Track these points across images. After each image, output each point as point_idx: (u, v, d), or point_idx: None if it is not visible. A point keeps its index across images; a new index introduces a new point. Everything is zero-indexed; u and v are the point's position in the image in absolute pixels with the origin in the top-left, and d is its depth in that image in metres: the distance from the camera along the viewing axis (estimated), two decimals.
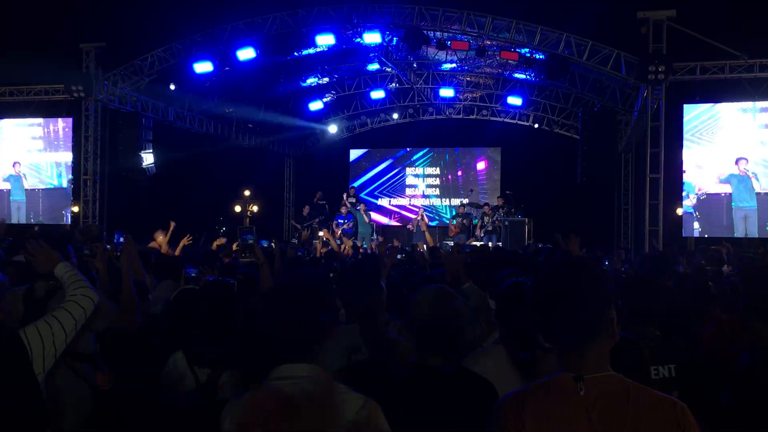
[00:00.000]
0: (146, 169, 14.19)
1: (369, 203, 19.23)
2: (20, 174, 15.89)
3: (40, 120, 15.88)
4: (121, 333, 3.14)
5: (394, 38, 13.92)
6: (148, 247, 7.10)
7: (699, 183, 13.29)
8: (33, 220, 15.56)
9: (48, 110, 15.96)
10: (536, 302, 1.63)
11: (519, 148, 19.31)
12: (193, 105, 16.66)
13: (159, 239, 6.35)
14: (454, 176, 20.25)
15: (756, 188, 12.90)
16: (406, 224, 17.87)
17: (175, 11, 17.53)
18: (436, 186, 20.44)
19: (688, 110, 13.40)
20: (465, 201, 17.32)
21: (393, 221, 20.02)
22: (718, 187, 13.18)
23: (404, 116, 20.22)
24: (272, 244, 7.47)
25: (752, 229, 12.95)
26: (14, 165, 15.95)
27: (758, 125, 13.08)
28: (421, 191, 20.47)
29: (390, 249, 4.11)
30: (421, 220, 14.75)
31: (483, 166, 19.99)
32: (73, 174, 15.28)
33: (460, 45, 13.17)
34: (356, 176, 21.03)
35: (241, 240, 3.80)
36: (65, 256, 2.82)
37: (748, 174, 12.91)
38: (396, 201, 20.64)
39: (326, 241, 9.73)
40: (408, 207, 20.19)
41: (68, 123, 15.51)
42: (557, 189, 17.22)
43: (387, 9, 12.80)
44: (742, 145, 13.04)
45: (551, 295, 1.57)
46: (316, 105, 18.63)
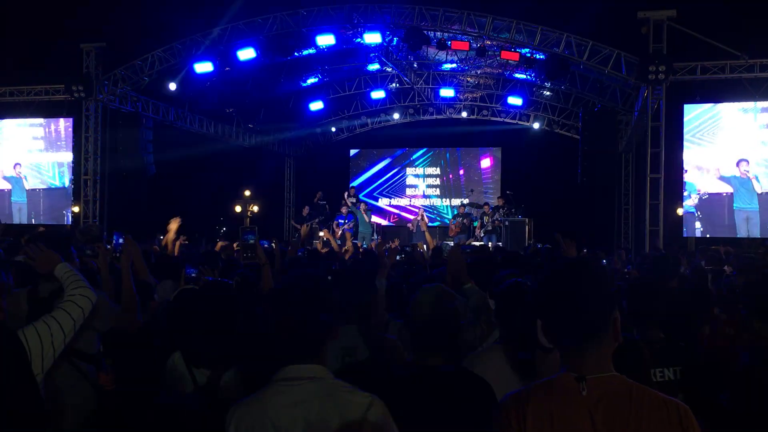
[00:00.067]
0: (146, 169, 14.19)
1: (369, 204, 19.21)
2: (21, 176, 15.90)
3: (42, 120, 15.89)
4: (122, 333, 3.13)
5: (395, 38, 13.93)
6: (151, 248, 7.11)
7: (700, 183, 13.29)
8: (34, 221, 15.55)
9: (48, 110, 15.96)
10: (538, 302, 1.63)
11: (519, 149, 19.32)
12: (194, 105, 16.67)
13: (173, 226, 6.37)
14: (455, 176, 20.24)
15: (757, 189, 12.91)
16: (405, 224, 17.86)
17: (176, 11, 17.54)
18: (437, 186, 20.43)
19: (689, 110, 13.41)
20: (465, 201, 17.31)
21: (391, 223, 19.98)
22: (720, 187, 13.18)
23: (404, 116, 20.22)
24: (272, 245, 7.48)
25: (754, 230, 12.98)
26: (15, 167, 15.95)
27: (759, 125, 13.08)
28: (422, 191, 20.47)
29: (389, 250, 4.12)
30: (421, 220, 14.72)
31: (488, 164, 19.94)
32: (74, 174, 15.29)
33: (461, 45, 13.17)
34: (356, 175, 21.04)
35: (243, 240, 3.78)
36: (67, 257, 2.82)
37: (749, 176, 12.92)
38: (396, 201, 20.63)
39: (326, 241, 9.73)
40: (407, 208, 20.17)
41: (70, 123, 15.52)
42: (557, 189, 17.21)
43: (387, 9, 12.80)
44: (743, 145, 13.05)
45: (553, 296, 1.57)
46: (317, 105, 18.64)
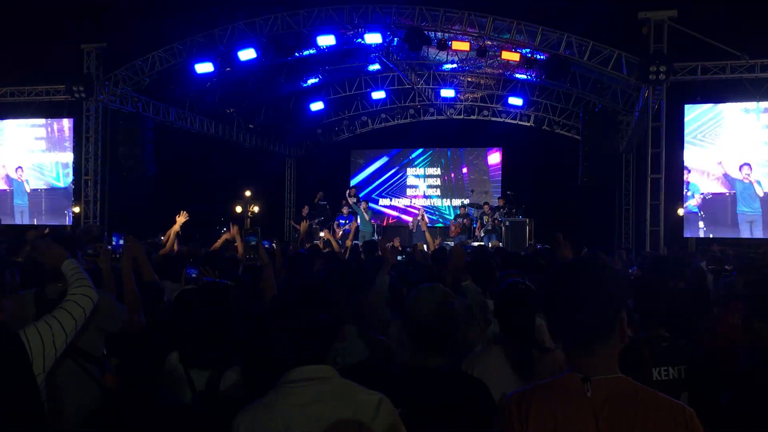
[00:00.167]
0: (147, 170, 14.18)
1: (368, 206, 19.15)
2: (22, 179, 15.92)
3: (44, 120, 15.90)
4: (125, 333, 3.14)
5: (395, 39, 13.92)
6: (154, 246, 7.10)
7: (702, 183, 13.29)
8: (36, 221, 15.57)
9: (49, 111, 15.96)
10: (543, 303, 1.63)
11: (520, 149, 19.29)
12: (194, 105, 16.67)
13: (180, 219, 6.38)
14: (457, 175, 20.19)
15: (759, 193, 12.93)
16: (404, 225, 17.84)
17: (176, 12, 17.53)
18: (437, 186, 20.41)
19: (689, 110, 13.39)
20: (466, 201, 17.31)
21: (390, 224, 19.95)
22: (722, 187, 13.18)
23: (405, 117, 20.21)
24: (273, 245, 7.46)
25: (757, 232, 13.02)
26: (17, 170, 15.96)
27: (762, 125, 13.07)
28: (422, 192, 20.45)
29: (390, 248, 4.13)
30: (422, 220, 14.69)
31: (497, 159, 19.77)
32: (74, 174, 15.30)
33: (461, 45, 13.16)
34: (354, 173, 21.04)
35: (245, 242, 3.79)
36: (73, 257, 2.82)
37: (751, 181, 12.93)
38: (396, 202, 20.60)
39: (327, 242, 9.71)
40: (407, 210, 20.13)
41: (73, 123, 15.54)
42: (558, 189, 17.20)
43: (388, 9, 12.80)
44: (746, 146, 13.04)
45: (556, 297, 1.57)
46: (317, 105, 18.64)
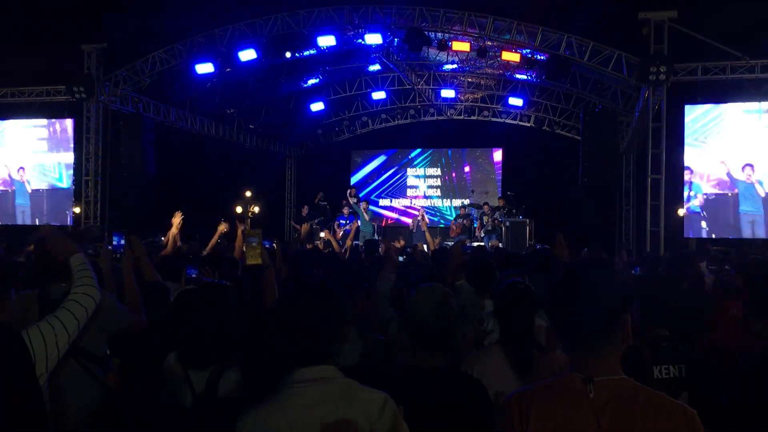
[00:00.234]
0: (147, 170, 14.19)
1: (368, 208, 19.15)
2: (24, 180, 15.94)
3: (46, 120, 15.93)
4: (127, 333, 3.14)
5: (395, 39, 13.93)
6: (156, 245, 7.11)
7: (704, 183, 13.29)
8: (38, 221, 15.60)
9: (50, 111, 15.99)
10: (548, 303, 1.64)
11: (520, 149, 19.27)
12: (195, 106, 16.68)
13: (176, 220, 6.38)
14: (459, 175, 20.17)
15: (761, 193, 12.94)
16: (404, 226, 17.84)
17: (177, 12, 17.52)
18: (438, 187, 20.41)
19: (690, 111, 13.40)
20: (466, 202, 17.31)
21: (389, 224, 19.93)
22: (725, 188, 13.18)
23: (405, 117, 20.22)
24: (274, 245, 7.46)
25: (760, 232, 13.03)
26: (19, 170, 15.99)
27: (764, 126, 13.05)
28: (422, 192, 20.45)
29: (393, 247, 4.15)
30: (422, 220, 14.70)
31: (501, 157, 19.72)
32: (75, 175, 15.32)
33: (461, 46, 13.17)
34: (353, 171, 21.04)
35: (246, 243, 3.79)
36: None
37: (753, 181, 12.93)
38: (396, 203, 20.60)
39: (327, 242, 9.71)
40: (407, 211, 20.12)
41: (74, 123, 15.56)
42: (558, 190, 17.17)
43: (388, 10, 12.81)
44: (748, 146, 13.04)
45: (559, 298, 1.58)
46: (318, 106, 18.64)
